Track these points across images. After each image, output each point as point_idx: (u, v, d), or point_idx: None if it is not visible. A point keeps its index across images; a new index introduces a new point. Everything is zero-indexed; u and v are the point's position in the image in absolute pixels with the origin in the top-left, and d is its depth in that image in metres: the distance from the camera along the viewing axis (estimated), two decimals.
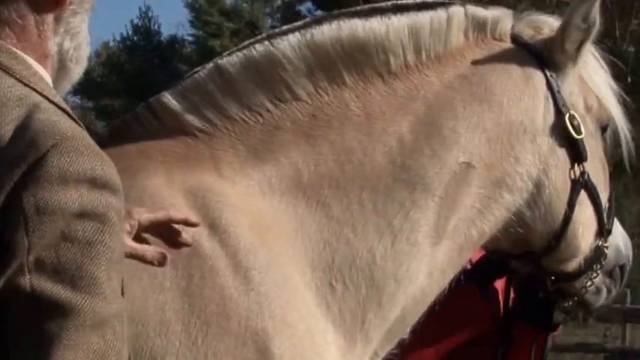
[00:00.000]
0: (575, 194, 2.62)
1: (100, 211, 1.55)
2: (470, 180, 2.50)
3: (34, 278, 1.51)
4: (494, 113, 2.54)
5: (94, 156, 1.58)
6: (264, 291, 2.18)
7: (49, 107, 1.63)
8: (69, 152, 1.55)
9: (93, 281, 1.53)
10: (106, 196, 1.57)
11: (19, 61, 1.68)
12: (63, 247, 1.52)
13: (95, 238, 1.54)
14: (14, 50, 1.69)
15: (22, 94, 1.64)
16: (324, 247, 2.34)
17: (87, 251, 1.53)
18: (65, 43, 1.76)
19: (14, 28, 1.70)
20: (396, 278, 2.39)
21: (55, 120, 1.59)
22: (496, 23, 2.64)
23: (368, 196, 2.39)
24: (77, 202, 1.53)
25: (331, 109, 2.45)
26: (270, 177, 2.35)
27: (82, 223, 1.53)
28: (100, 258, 1.54)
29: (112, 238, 1.56)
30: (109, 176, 1.59)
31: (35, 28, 1.72)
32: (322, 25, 2.47)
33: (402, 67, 2.52)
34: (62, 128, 1.58)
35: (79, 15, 1.77)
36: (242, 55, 2.43)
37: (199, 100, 2.40)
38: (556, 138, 2.60)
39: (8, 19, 1.70)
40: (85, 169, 1.55)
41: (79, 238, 1.53)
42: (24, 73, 1.67)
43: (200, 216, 2.20)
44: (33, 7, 1.71)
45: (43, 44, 1.73)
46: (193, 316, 2.10)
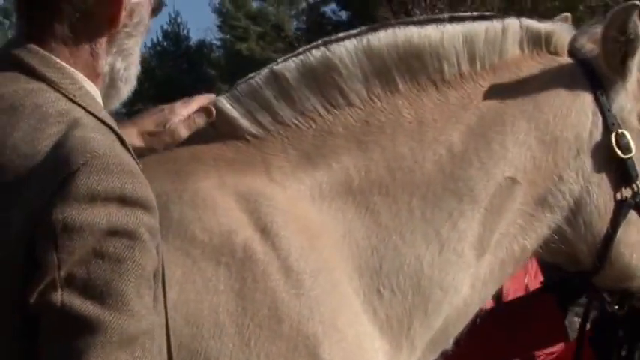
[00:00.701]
0: (621, 215, 2.55)
1: (130, 228, 1.57)
2: (514, 195, 2.49)
3: (65, 294, 1.53)
4: (541, 131, 2.52)
5: (125, 174, 1.59)
6: (314, 295, 2.20)
7: (88, 123, 1.66)
8: (98, 171, 1.57)
9: (121, 298, 1.55)
10: (137, 213, 1.59)
11: (66, 76, 1.72)
12: (93, 264, 1.54)
13: (125, 255, 1.56)
14: (63, 65, 1.73)
15: (64, 110, 1.67)
16: (372, 253, 2.35)
17: (116, 268, 1.55)
18: (117, 63, 1.81)
19: (69, 46, 1.74)
20: (442, 287, 2.40)
21: (90, 137, 1.61)
22: (551, 36, 2.61)
23: (417, 203, 2.40)
24: (105, 219, 1.55)
25: (384, 116, 2.45)
26: (321, 182, 2.37)
27: (112, 240, 1.55)
28: (130, 275, 1.56)
29: (143, 254, 1.58)
30: (140, 194, 1.60)
31: (88, 47, 1.76)
32: (378, 32, 2.48)
33: (457, 76, 2.52)
34: (95, 146, 1.60)
35: (134, 38, 1.82)
36: (298, 60, 2.45)
37: (253, 104, 2.42)
38: (601, 156, 2.55)
39: (63, 36, 1.74)
40: (113, 188, 1.57)
41: (110, 254, 1.55)
42: (70, 87, 1.71)
43: (252, 220, 2.24)
44: (88, 28, 1.75)
45: (95, 63, 1.77)
46: (246, 319, 2.13)
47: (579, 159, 2.54)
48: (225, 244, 2.19)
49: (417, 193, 2.41)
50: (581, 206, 2.55)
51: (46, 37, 1.74)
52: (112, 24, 1.77)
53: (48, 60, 1.72)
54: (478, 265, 2.46)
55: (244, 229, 2.23)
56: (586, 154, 2.54)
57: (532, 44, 2.59)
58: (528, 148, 2.50)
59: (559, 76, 2.58)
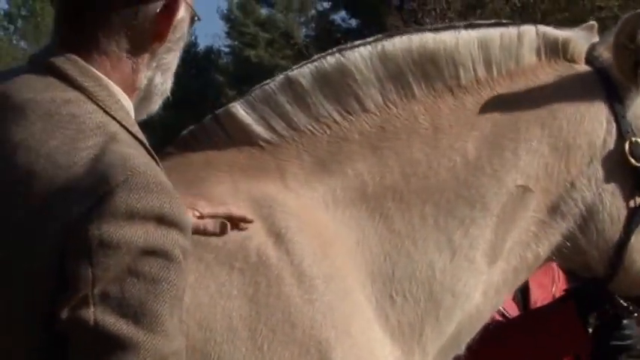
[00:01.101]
0: (634, 222, 2.53)
1: (166, 249, 1.57)
2: (527, 203, 2.49)
3: (98, 312, 1.52)
4: (554, 138, 2.51)
5: (164, 194, 1.59)
6: (327, 301, 2.21)
7: (125, 138, 1.66)
8: (138, 188, 1.56)
9: (156, 319, 1.54)
10: (173, 233, 1.58)
11: (103, 88, 1.72)
12: (128, 282, 1.53)
13: (161, 276, 1.55)
14: (100, 76, 1.73)
15: (101, 122, 1.66)
16: (385, 259, 2.36)
17: (152, 288, 1.54)
18: (156, 78, 1.82)
19: (111, 59, 1.74)
20: (453, 293, 2.40)
21: (128, 153, 1.61)
22: (568, 44, 2.60)
23: (430, 210, 2.41)
24: (143, 238, 1.55)
25: (399, 122, 2.45)
26: (335, 189, 2.37)
27: (148, 259, 1.55)
28: (165, 295, 1.55)
29: (178, 275, 1.58)
30: (177, 215, 1.60)
31: (130, 61, 1.76)
32: (393, 38, 2.49)
33: (473, 82, 2.51)
34: (135, 163, 1.59)
35: (173, 52, 1.83)
36: (313, 66, 2.45)
37: (267, 110, 2.43)
38: (614, 164, 2.54)
39: (108, 50, 1.74)
40: (152, 207, 1.57)
41: (145, 274, 1.54)
42: (107, 100, 1.70)
43: (266, 225, 2.24)
44: (134, 42, 1.75)
45: (135, 76, 1.78)
46: (260, 324, 2.13)
47: (592, 166, 2.53)
48: (238, 249, 2.19)
49: (430, 199, 2.41)
50: (593, 213, 2.53)
51: (90, 48, 1.73)
52: (158, 40, 1.77)
53: (87, 70, 1.71)
54: (490, 272, 2.47)
55: (258, 234, 2.23)
56: (599, 162, 2.53)
57: (549, 51, 2.58)
58: (541, 155, 2.50)
59: (575, 83, 2.57)
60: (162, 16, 1.76)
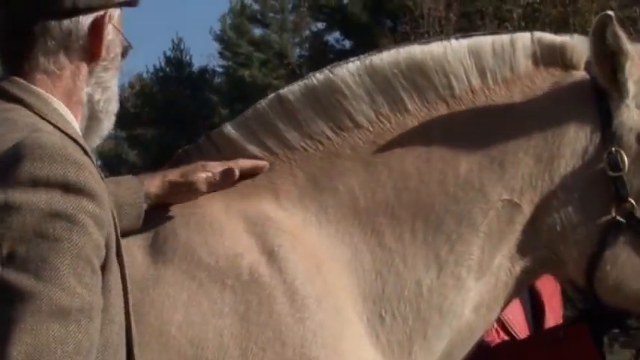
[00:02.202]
0: (610, 235, 2.44)
1: (69, 212, 1.68)
2: (513, 217, 2.45)
3: (4, 270, 1.64)
4: (539, 148, 2.45)
5: (69, 164, 1.71)
6: (318, 320, 2.21)
7: (49, 130, 1.80)
8: (42, 159, 1.69)
9: (54, 272, 1.65)
10: (80, 200, 1.70)
11: (40, 100, 1.87)
12: (33, 242, 1.65)
13: (62, 236, 1.66)
14: (39, 91, 1.89)
15: (32, 122, 1.82)
16: (376, 277, 2.36)
17: (54, 246, 1.65)
18: (96, 94, 1.95)
19: (52, 77, 1.91)
20: (440, 311, 2.39)
21: (42, 136, 1.75)
22: (565, 49, 2.51)
23: (420, 226, 2.40)
24: (45, 202, 1.67)
25: (392, 136, 2.44)
26: (327, 207, 2.38)
27: (52, 221, 1.67)
28: (65, 253, 1.66)
29: (81, 237, 1.68)
30: (85, 183, 1.71)
31: (70, 78, 1.92)
32: (382, 53, 2.48)
33: (468, 92, 2.47)
34: (43, 140, 1.73)
35: (110, 71, 1.98)
36: (302, 84, 2.46)
37: (260, 129, 2.44)
38: (594, 173, 2.45)
39: (47, 69, 1.91)
40: (55, 175, 1.69)
41: (48, 235, 1.66)
42: (43, 109, 1.86)
43: (259, 244, 2.26)
44: (70, 61, 1.91)
45: (77, 91, 1.93)
46: (250, 342, 2.15)
47: (574, 176, 2.46)
48: (231, 267, 2.21)
49: (420, 214, 2.40)
50: (573, 224, 2.46)
51: (31, 69, 1.90)
52: (93, 57, 1.93)
53: (25, 87, 1.88)
54: (478, 288, 2.44)
55: (251, 252, 2.25)
56: (580, 171, 2.46)
57: (546, 57, 2.51)
58: (526, 166, 2.44)
59: (567, 91, 2.50)
60: (93, 34, 1.91)
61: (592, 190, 2.46)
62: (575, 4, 21.85)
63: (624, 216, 2.43)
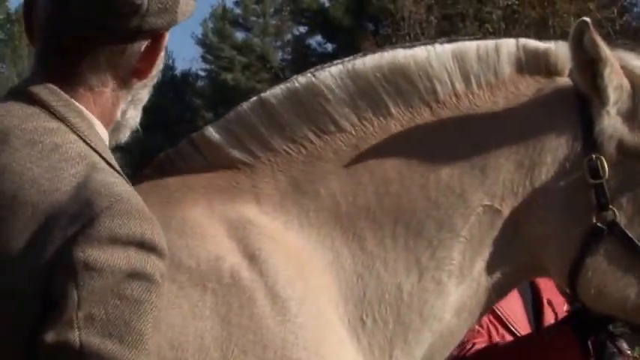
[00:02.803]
0: (592, 242, 2.43)
1: (147, 272, 1.63)
2: (493, 223, 2.44)
3: (84, 334, 1.57)
4: (521, 155, 2.45)
5: (145, 220, 1.65)
6: (299, 322, 2.22)
7: (105, 168, 1.72)
8: (121, 215, 1.63)
9: (139, 337, 1.60)
10: (154, 258, 1.65)
11: (84, 120, 1.78)
12: (112, 304, 1.59)
13: (143, 297, 1.61)
14: (82, 109, 1.79)
15: (83, 152, 1.72)
16: (357, 280, 2.36)
17: (135, 309, 1.60)
18: (129, 111, 1.89)
19: (95, 93, 1.81)
20: (421, 315, 2.39)
21: (111, 181, 1.68)
22: (549, 56, 2.50)
23: (401, 230, 2.40)
24: (125, 262, 1.61)
25: (375, 140, 2.44)
26: (309, 210, 2.38)
27: (130, 282, 1.61)
28: (148, 315, 1.62)
29: (158, 297, 1.64)
30: (158, 240, 1.66)
31: (112, 96, 1.83)
32: (365, 56, 2.48)
33: (451, 96, 2.46)
34: (117, 191, 1.66)
35: (147, 88, 1.91)
36: (285, 87, 2.45)
37: (242, 132, 2.43)
38: (575, 181, 2.44)
39: (92, 86, 1.80)
40: (134, 232, 1.63)
41: (128, 296, 1.60)
42: (87, 132, 1.76)
43: (240, 247, 2.26)
44: (116, 79, 1.82)
45: (113, 110, 1.85)
46: (231, 344, 2.15)
47: (555, 183, 2.45)
48: (212, 270, 2.22)
49: (401, 219, 2.41)
50: (554, 230, 2.45)
51: (75, 83, 1.80)
52: (138, 76, 1.84)
53: (69, 103, 1.78)
54: (459, 293, 2.44)
55: (232, 255, 2.25)
56: (561, 178, 2.45)
57: (531, 64, 2.50)
58: (507, 172, 2.44)
59: (551, 97, 2.49)
60: (147, 55, 1.82)
61: (573, 197, 2.45)
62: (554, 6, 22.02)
63: (605, 223, 2.42)
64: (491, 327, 3.30)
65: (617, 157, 2.44)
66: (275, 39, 36.53)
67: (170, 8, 1.80)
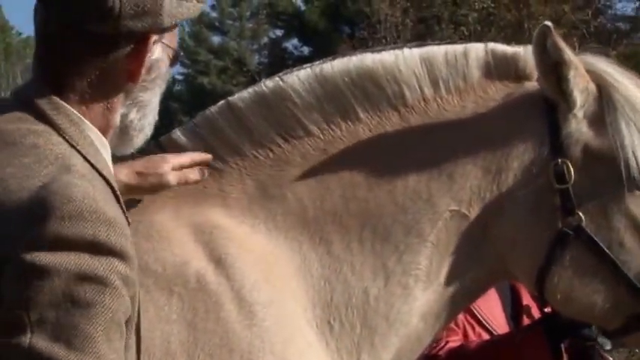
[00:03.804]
0: (558, 247, 2.43)
1: (100, 274, 1.59)
2: (461, 228, 2.44)
3: (34, 337, 1.56)
4: (488, 160, 2.45)
5: (100, 223, 1.62)
6: (266, 326, 2.22)
7: (79, 170, 1.68)
8: (71, 217, 1.59)
9: (88, 340, 1.57)
10: (111, 260, 1.61)
11: (73, 123, 1.76)
12: (63, 308, 1.57)
13: (95, 300, 1.58)
14: (74, 114, 1.77)
15: (62, 154, 1.70)
16: (325, 284, 2.37)
17: (85, 312, 1.57)
18: (131, 114, 1.85)
19: (86, 99, 1.78)
20: (387, 320, 2.40)
21: (73, 183, 1.64)
22: (517, 61, 2.50)
23: (368, 235, 2.40)
24: (74, 264, 1.58)
25: (343, 144, 2.44)
26: (276, 214, 2.38)
27: (82, 285, 1.58)
28: (98, 318, 1.58)
29: (114, 300, 1.60)
30: (116, 243, 1.63)
31: (105, 101, 1.80)
32: (334, 61, 2.47)
33: (420, 101, 2.46)
34: (74, 192, 1.62)
35: (150, 91, 1.87)
36: (252, 91, 2.45)
37: (210, 136, 2.43)
38: (541, 185, 2.44)
39: (82, 92, 1.78)
40: (84, 235, 1.60)
41: (79, 299, 1.57)
42: (74, 135, 1.74)
43: (207, 251, 2.26)
44: (105, 84, 1.80)
45: (109, 116, 1.82)
46: (197, 348, 2.15)
47: (522, 188, 2.44)
48: (178, 274, 2.22)
49: (368, 224, 2.41)
50: (520, 235, 2.45)
51: (66, 89, 1.78)
52: (130, 80, 1.82)
53: (59, 107, 1.77)
54: (426, 297, 2.44)
55: (198, 260, 2.25)
56: (528, 183, 2.45)
57: (499, 69, 2.50)
58: (474, 178, 2.44)
59: (518, 102, 2.49)
60: (133, 58, 1.80)
61: (539, 202, 2.44)
62: (529, 9, 22.11)
63: (572, 228, 2.42)
64: (467, 326, 3.31)
65: (584, 161, 2.43)
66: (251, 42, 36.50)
67: (150, 11, 1.78)
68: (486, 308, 3.30)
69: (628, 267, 2.42)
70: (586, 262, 2.43)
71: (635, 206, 2.43)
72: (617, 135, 2.42)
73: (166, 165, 2.37)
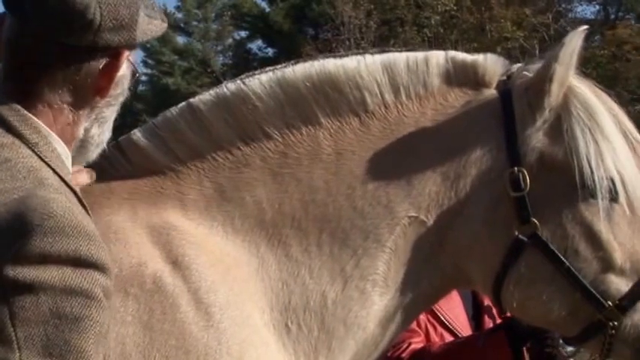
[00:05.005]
0: (514, 254, 2.44)
1: (85, 288, 1.61)
2: (420, 234, 2.45)
3: (24, 354, 1.56)
4: (446, 166, 2.45)
5: (80, 237, 1.63)
6: (222, 328, 2.21)
7: (53, 184, 1.70)
8: (53, 232, 1.61)
9: (81, 355, 1.59)
10: (93, 274, 1.63)
11: (41, 137, 1.77)
12: (52, 324, 1.58)
13: (82, 314, 1.60)
14: (40, 125, 1.79)
15: (33, 167, 1.72)
16: (283, 287, 2.37)
17: (75, 326, 1.59)
18: (93, 129, 1.89)
19: (54, 110, 1.81)
20: (345, 324, 2.40)
21: (50, 197, 1.65)
22: (477, 68, 2.52)
23: (326, 239, 2.40)
24: (59, 279, 1.59)
25: (302, 147, 2.43)
26: (234, 217, 2.37)
27: (68, 299, 1.59)
28: (89, 332, 1.60)
29: (100, 312, 1.62)
30: (96, 256, 1.65)
31: (72, 113, 1.83)
32: (296, 65, 2.47)
33: (380, 106, 2.47)
34: (52, 207, 1.63)
35: (112, 107, 1.91)
36: (214, 93, 2.45)
37: (169, 137, 2.42)
38: (498, 193, 2.44)
39: (51, 102, 1.81)
40: (67, 250, 1.61)
41: (67, 314, 1.59)
42: (43, 148, 1.76)
43: (164, 253, 2.25)
44: (75, 96, 1.82)
45: (74, 128, 1.85)
46: (153, 350, 2.13)
47: (479, 195, 2.45)
48: (134, 275, 2.20)
49: (327, 228, 2.41)
50: (477, 242, 2.46)
51: (34, 100, 1.80)
52: (100, 94, 1.85)
53: (26, 119, 1.78)
54: (383, 302, 2.45)
55: (155, 261, 2.24)
56: (485, 190, 2.45)
57: (459, 76, 2.52)
58: (433, 184, 2.45)
59: (478, 109, 2.50)
60: (105, 73, 1.83)
61: (496, 209, 2.45)
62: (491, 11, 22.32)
63: (527, 236, 2.43)
64: (429, 326, 3.34)
65: (539, 169, 2.44)
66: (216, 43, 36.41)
67: (127, 25, 1.81)
68: (448, 309, 3.34)
69: (583, 274, 2.43)
70: (542, 269, 2.44)
71: (589, 214, 2.43)
72: (572, 142, 2.44)
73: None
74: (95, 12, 1.76)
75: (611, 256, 2.44)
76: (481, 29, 22.41)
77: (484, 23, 22.15)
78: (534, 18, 21.56)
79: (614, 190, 2.44)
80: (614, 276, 2.44)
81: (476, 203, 2.45)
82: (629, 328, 2.45)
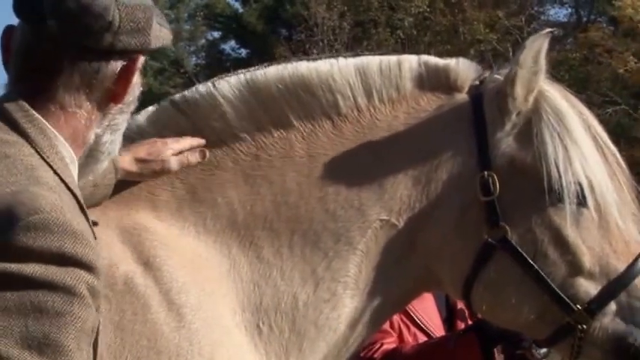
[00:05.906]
0: (483, 258, 2.45)
1: (68, 284, 1.61)
2: (391, 237, 2.46)
3: (2, 344, 1.56)
4: (418, 170, 2.46)
5: (66, 235, 1.63)
6: (194, 329, 2.21)
7: (48, 182, 1.70)
8: (37, 228, 1.61)
9: (60, 349, 1.58)
10: (77, 271, 1.62)
11: (46, 138, 1.77)
12: (32, 317, 1.57)
13: (64, 309, 1.59)
14: (47, 127, 1.78)
15: (31, 165, 1.71)
16: (254, 288, 2.37)
17: (55, 321, 1.58)
18: (105, 136, 1.87)
19: (66, 113, 1.80)
20: (316, 325, 2.41)
21: (41, 195, 1.65)
22: (449, 72, 2.53)
23: (298, 241, 2.41)
24: (41, 274, 1.59)
25: (275, 150, 2.44)
26: (206, 218, 2.38)
27: (50, 295, 1.59)
28: (69, 327, 1.59)
29: (82, 309, 1.62)
30: (82, 255, 1.64)
31: (84, 117, 1.82)
32: (268, 68, 2.48)
33: (353, 109, 2.48)
34: (42, 204, 1.63)
35: (124, 114, 1.89)
36: (186, 95, 2.46)
37: (139, 139, 2.43)
38: (468, 197, 2.46)
39: (64, 104, 1.79)
40: (50, 246, 1.61)
41: (48, 308, 1.58)
42: (45, 148, 1.75)
43: (135, 254, 2.25)
44: (90, 100, 1.81)
45: (85, 132, 1.83)
46: (125, 350, 2.14)
47: (449, 199, 2.47)
48: (105, 277, 2.11)
49: (299, 230, 2.42)
50: (447, 246, 2.47)
51: (47, 100, 1.79)
52: (114, 100, 1.84)
53: (33, 119, 1.77)
54: (354, 304, 2.46)
55: (126, 262, 2.25)
56: (455, 194, 2.47)
57: (431, 80, 2.53)
58: (405, 188, 2.46)
59: (448, 113, 2.51)
60: (121, 77, 1.82)
61: (467, 213, 2.47)
62: (464, 14, 22.44)
63: (497, 240, 2.44)
64: (402, 326, 3.34)
65: (509, 173, 2.46)
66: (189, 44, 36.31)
67: (142, 29, 1.81)
68: (421, 309, 3.34)
69: (552, 278, 2.44)
70: (511, 273, 2.45)
71: (557, 218, 2.45)
72: (541, 146, 2.45)
73: (169, 151, 2.41)
74: (114, 13, 1.77)
75: (579, 259, 2.45)
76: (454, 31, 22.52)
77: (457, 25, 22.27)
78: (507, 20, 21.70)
79: (581, 195, 2.44)
80: (583, 279, 2.45)
81: (447, 207, 2.46)
82: (598, 331, 2.46)
